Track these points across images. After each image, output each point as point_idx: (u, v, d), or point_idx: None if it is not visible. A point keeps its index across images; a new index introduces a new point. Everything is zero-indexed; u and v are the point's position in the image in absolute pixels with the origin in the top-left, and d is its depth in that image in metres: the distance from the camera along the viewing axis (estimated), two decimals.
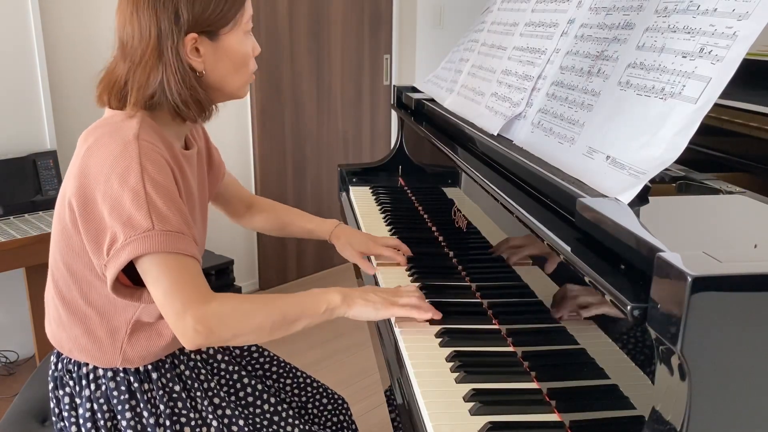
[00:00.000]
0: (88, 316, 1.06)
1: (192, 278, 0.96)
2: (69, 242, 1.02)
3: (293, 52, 3.20)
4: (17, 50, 2.29)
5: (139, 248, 0.92)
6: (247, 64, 1.07)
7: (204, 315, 0.94)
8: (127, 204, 0.93)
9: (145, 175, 0.94)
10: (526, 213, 0.93)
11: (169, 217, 0.94)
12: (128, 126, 0.98)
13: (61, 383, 1.11)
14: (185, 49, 0.99)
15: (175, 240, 0.94)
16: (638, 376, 0.70)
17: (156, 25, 0.97)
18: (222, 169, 1.35)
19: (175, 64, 0.98)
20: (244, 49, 1.06)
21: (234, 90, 1.08)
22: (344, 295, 1.05)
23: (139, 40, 0.99)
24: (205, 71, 1.03)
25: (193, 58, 1.00)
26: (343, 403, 1.39)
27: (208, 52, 1.02)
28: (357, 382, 2.47)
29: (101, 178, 0.94)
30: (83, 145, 1.00)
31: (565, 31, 1.15)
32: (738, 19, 0.76)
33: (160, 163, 0.97)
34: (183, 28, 0.98)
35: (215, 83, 1.05)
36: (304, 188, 3.41)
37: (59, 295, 1.08)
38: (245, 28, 1.05)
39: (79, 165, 0.97)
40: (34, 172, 2.30)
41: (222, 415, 1.13)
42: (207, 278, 3.01)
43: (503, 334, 1.08)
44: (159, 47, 0.98)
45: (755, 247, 0.68)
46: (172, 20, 0.97)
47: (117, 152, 0.95)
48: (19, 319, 2.49)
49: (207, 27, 1.00)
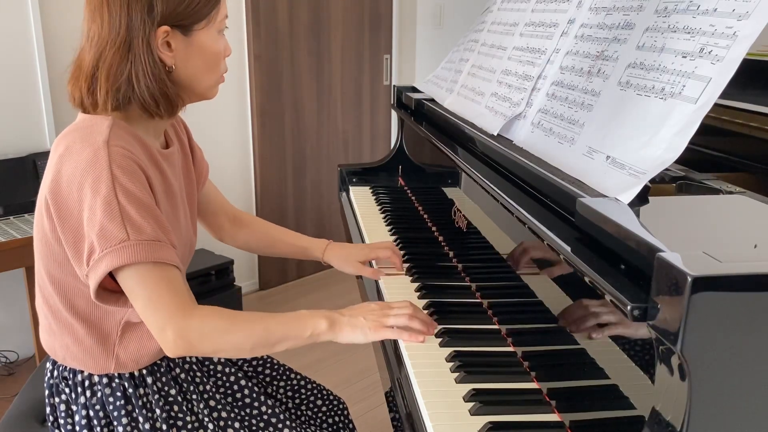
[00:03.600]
0: (74, 326, 1.05)
1: (172, 289, 0.94)
2: (50, 251, 1.01)
3: (293, 52, 3.20)
4: (17, 50, 2.29)
5: (116, 260, 0.91)
6: (219, 63, 1.06)
7: (184, 330, 0.93)
8: (99, 214, 0.91)
9: (117, 184, 0.92)
10: (526, 213, 0.93)
11: (143, 227, 0.93)
12: (98, 131, 0.96)
13: (57, 391, 1.10)
14: (156, 41, 0.97)
15: (152, 249, 0.92)
16: (638, 376, 0.70)
17: (127, 15, 0.95)
18: (204, 167, 1.31)
19: (145, 56, 0.96)
20: (217, 47, 1.04)
21: (204, 89, 1.06)
22: (331, 321, 1.01)
23: (109, 30, 0.96)
24: (176, 67, 1.00)
25: (164, 51, 0.98)
26: (339, 404, 1.38)
27: (179, 47, 1.00)
28: (357, 382, 2.47)
29: (74, 187, 0.93)
30: (55, 152, 0.98)
31: (565, 31, 1.15)
32: (738, 19, 0.76)
33: (131, 169, 0.95)
34: (156, 20, 0.96)
35: (185, 80, 1.03)
36: (304, 188, 3.41)
37: (46, 304, 1.07)
38: (219, 27, 1.04)
39: (53, 173, 0.96)
40: (34, 172, 2.30)
41: (218, 418, 1.13)
42: (207, 278, 2.97)
43: (503, 334, 1.08)
44: (129, 38, 0.96)
45: (755, 247, 0.68)
46: (145, 11, 0.95)
47: (87, 160, 0.93)
48: (19, 319, 2.49)
49: (180, 21, 0.98)
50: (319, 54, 3.33)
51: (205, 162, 1.31)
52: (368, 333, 1.02)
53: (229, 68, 1.11)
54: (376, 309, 1.06)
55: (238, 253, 3.12)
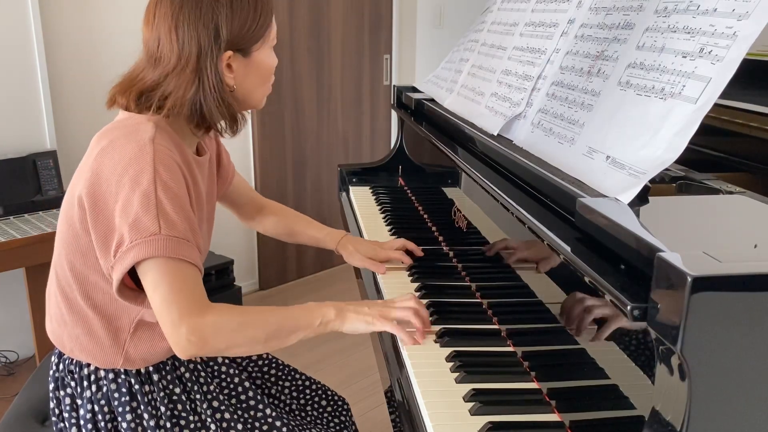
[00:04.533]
0: (89, 317, 1.06)
1: (191, 287, 0.95)
2: (76, 242, 1.02)
3: (293, 52, 3.20)
4: (17, 50, 2.29)
5: (144, 251, 0.92)
6: (271, 77, 1.11)
7: (199, 326, 0.94)
8: (136, 206, 0.93)
9: (158, 178, 0.94)
10: (526, 213, 0.93)
11: (177, 223, 0.94)
12: (144, 129, 0.99)
13: (63, 384, 1.11)
14: (222, 65, 1.01)
15: (179, 246, 0.94)
16: (638, 376, 0.70)
17: (197, 42, 0.99)
18: (230, 172, 1.35)
19: (213, 81, 1.00)
20: (270, 63, 1.09)
21: (256, 102, 1.11)
22: (338, 309, 1.05)
23: (179, 55, 0.99)
24: (236, 86, 1.04)
25: (227, 74, 1.02)
26: (343, 404, 1.38)
27: (239, 67, 1.04)
28: (357, 382, 2.47)
29: (113, 179, 0.95)
30: (97, 145, 1.00)
31: (565, 31, 1.15)
32: (738, 19, 0.76)
33: (173, 168, 0.97)
34: (222, 45, 1.00)
35: (241, 96, 1.07)
36: (304, 188, 3.41)
37: (62, 293, 1.07)
38: (271, 44, 1.08)
39: (92, 165, 0.98)
40: (34, 172, 2.30)
41: (221, 419, 1.13)
42: (207, 278, 2.99)
43: (503, 334, 1.08)
44: (199, 64, 0.99)
45: (755, 247, 0.68)
46: (212, 38, 0.99)
47: (132, 154, 0.95)
48: (19, 319, 2.48)
49: (242, 44, 1.02)
50: (319, 54, 3.33)
51: (232, 165, 1.36)
52: (371, 321, 1.05)
53: None
54: (381, 302, 1.10)
55: (238, 252, 3.12)
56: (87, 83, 2.48)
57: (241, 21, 1.01)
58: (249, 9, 1.02)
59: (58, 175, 2.34)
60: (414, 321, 1.05)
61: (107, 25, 2.50)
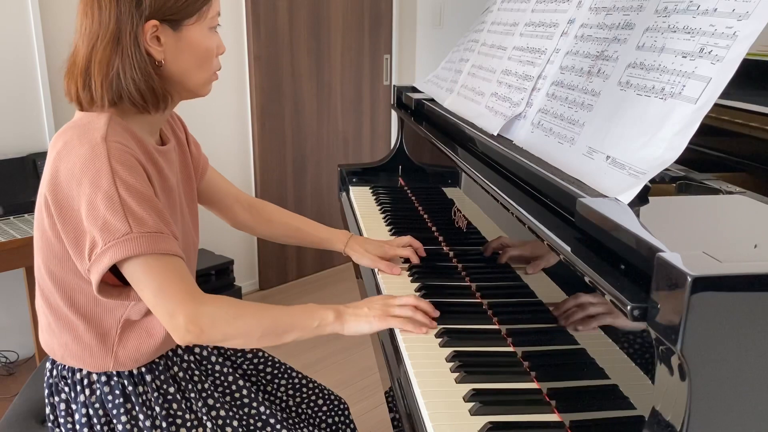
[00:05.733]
0: (75, 323, 1.05)
1: (178, 277, 0.96)
2: (50, 248, 1.01)
3: (293, 52, 3.20)
4: (17, 50, 2.29)
5: (120, 252, 0.91)
6: (210, 60, 1.06)
7: (196, 315, 0.94)
8: (102, 208, 0.92)
9: (117, 177, 0.93)
10: (526, 213, 0.93)
11: (146, 219, 0.94)
12: (95, 127, 0.97)
13: (57, 390, 1.11)
14: (145, 36, 0.97)
15: (155, 240, 0.93)
16: (638, 376, 0.70)
17: (116, 8, 0.96)
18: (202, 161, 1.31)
19: (132, 50, 0.97)
20: (208, 44, 1.04)
21: (196, 86, 1.06)
22: (338, 312, 1.04)
23: (99, 23, 0.97)
24: (165, 61, 1.00)
25: (153, 46, 0.99)
26: (340, 404, 1.38)
27: (169, 42, 1.00)
28: (357, 382, 2.47)
29: (73, 183, 0.94)
30: (53, 149, 0.98)
31: (565, 31, 1.15)
32: (738, 19, 0.76)
33: (130, 163, 0.96)
34: (144, 13, 0.96)
35: (175, 76, 1.03)
36: (304, 188, 3.41)
37: (46, 303, 1.07)
38: (210, 24, 1.04)
39: (51, 170, 0.96)
40: (34, 172, 2.30)
41: (216, 416, 1.13)
42: (207, 278, 2.98)
43: (503, 334, 1.08)
44: (117, 31, 0.96)
45: (755, 247, 0.68)
46: (134, 5, 0.96)
47: (86, 156, 0.94)
48: (19, 319, 2.49)
49: (170, 15, 0.98)
50: (319, 54, 3.32)
51: (203, 155, 1.31)
52: (373, 321, 1.05)
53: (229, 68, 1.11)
54: (380, 300, 1.09)
55: (238, 253, 3.12)
56: None
57: None
58: None
59: None
60: (417, 317, 1.06)
61: None
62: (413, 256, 1.35)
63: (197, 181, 1.29)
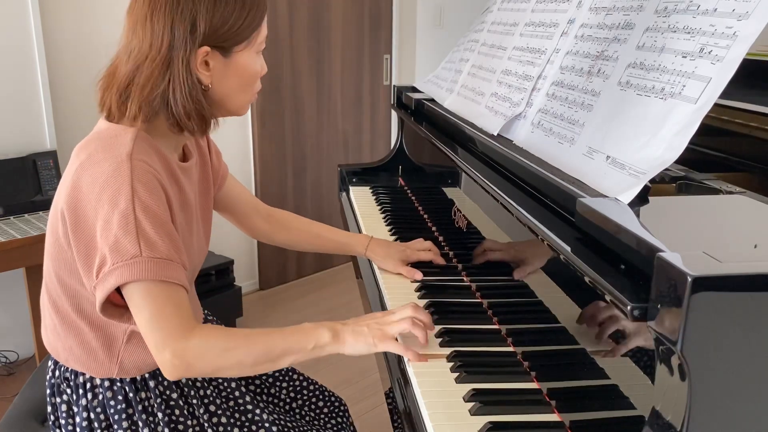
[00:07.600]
0: (82, 329, 1.05)
1: (175, 309, 0.94)
2: (62, 255, 1.01)
3: (293, 52, 3.20)
4: (17, 50, 2.29)
5: (126, 275, 0.90)
6: (255, 83, 1.06)
7: (182, 350, 0.93)
8: (115, 227, 0.91)
9: (136, 198, 0.92)
10: (526, 213, 0.93)
11: (158, 244, 0.92)
12: (122, 142, 0.96)
13: (59, 391, 1.10)
14: (196, 61, 0.97)
15: (161, 267, 0.92)
16: (638, 376, 0.70)
17: (170, 33, 0.95)
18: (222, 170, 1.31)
19: (184, 75, 0.96)
20: (254, 68, 1.04)
21: (236, 108, 1.06)
22: (334, 332, 1.01)
23: (149, 45, 0.96)
24: (212, 85, 1.00)
25: (202, 71, 0.98)
26: (341, 405, 1.38)
27: (217, 66, 0.99)
28: (357, 382, 2.47)
29: (93, 197, 0.93)
30: (76, 159, 0.97)
31: (565, 31, 1.15)
32: (738, 19, 0.76)
33: (152, 185, 0.95)
34: (197, 40, 0.96)
35: (219, 99, 1.02)
36: (304, 188, 3.41)
37: (53, 305, 1.06)
38: (258, 48, 1.04)
39: (72, 179, 0.95)
40: (34, 172, 2.30)
41: (218, 423, 1.13)
42: (207, 278, 2.98)
43: (503, 334, 1.08)
44: (169, 56, 0.95)
45: (755, 247, 0.68)
46: (188, 30, 0.95)
47: (109, 172, 0.93)
48: (19, 319, 2.49)
49: (221, 42, 0.98)
50: (319, 54, 3.32)
51: (224, 164, 1.31)
52: (372, 343, 1.01)
53: None
54: (378, 317, 1.05)
55: (238, 253, 3.12)
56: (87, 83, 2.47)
57: (222, 17, 0.96)
58: (234, 7, 0.97)
59: (58, 175, 2.34)
60: (415, 332, 1.02)
61: (107, 25, 2.49)
62: (437, 259, 1.35)
63: (216, 191, 1.29)
